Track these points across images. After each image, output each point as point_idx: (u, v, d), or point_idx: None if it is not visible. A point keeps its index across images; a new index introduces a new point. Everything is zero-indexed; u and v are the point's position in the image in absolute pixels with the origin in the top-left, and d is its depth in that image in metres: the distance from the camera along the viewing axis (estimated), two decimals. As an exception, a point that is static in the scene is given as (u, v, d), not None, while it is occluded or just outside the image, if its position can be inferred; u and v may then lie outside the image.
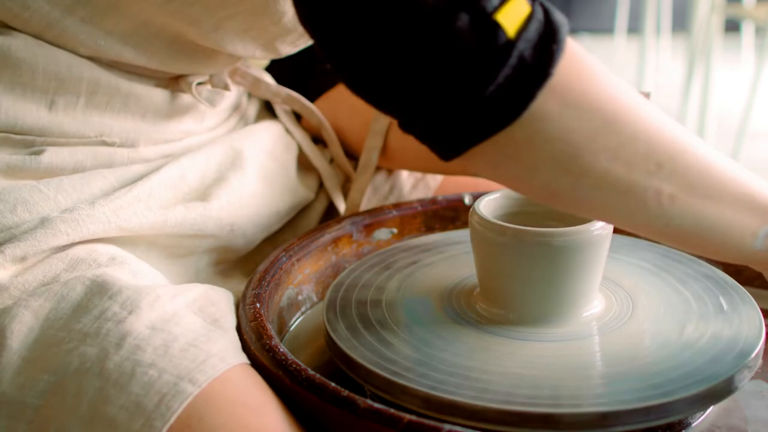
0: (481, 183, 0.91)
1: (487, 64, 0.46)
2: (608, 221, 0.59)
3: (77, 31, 0.64)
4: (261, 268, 0.68)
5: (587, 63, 0.49)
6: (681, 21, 4.29)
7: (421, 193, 0.91)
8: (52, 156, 0.66)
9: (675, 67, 4.08)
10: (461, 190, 0.88)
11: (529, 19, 0.47)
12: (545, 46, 0.47)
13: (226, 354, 0.56)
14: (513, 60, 0.46)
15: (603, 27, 5.02)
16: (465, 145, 0.49)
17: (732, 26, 3.95)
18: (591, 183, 0.50)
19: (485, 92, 0.46)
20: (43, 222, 0.62)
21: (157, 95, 0.71)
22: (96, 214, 0.64)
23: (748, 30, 4.13)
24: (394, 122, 0.82)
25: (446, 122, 0.48)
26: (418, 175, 0.92)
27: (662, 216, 0.51)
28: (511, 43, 0.46)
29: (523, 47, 0.46)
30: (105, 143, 0.69)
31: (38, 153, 0.66)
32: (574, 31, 5.05)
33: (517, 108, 0.47)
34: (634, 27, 4.38)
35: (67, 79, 0.66)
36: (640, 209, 0.51)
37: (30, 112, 0.66)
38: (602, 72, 0.50)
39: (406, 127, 0.50)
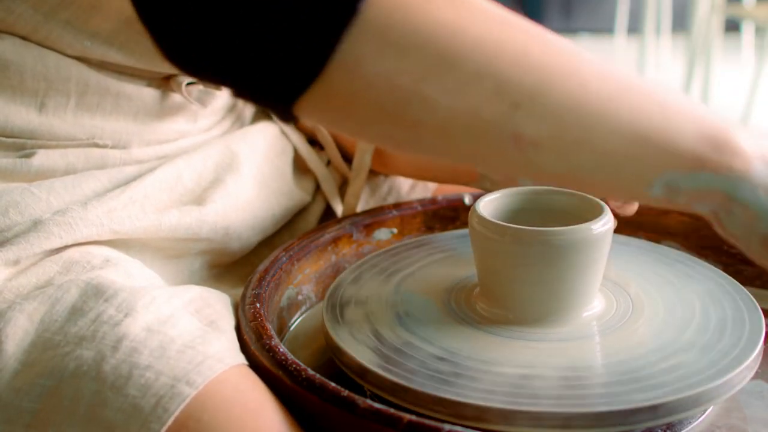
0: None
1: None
2: (475, 167, 0.52)
3: (62, 34, 0.64)
4: (261, 267, 0.68)
5: None
6: (681, 21, 4.30)
7: (419, 194, 0.91)
8: (43, 159, 0.66)
9: (675, 67, 4.08)
10: (460, 190, 0.88)
11: None
12: None
13: (223, 355, 0.55)
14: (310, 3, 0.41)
15: (603, 27, 5.02)
16: (287, 100, 0.44)
17: (732, 26, 3.96)
18: (432, 131, 0.44)
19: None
20: (36, 225, 0.62)
21: (148, 95, 0.70)
22: (89, 216, 0.63)
23: (748, 30, 4.13)
24: None
25: (262, 80, 0.44)
26: (417, 175, 0.91)
27: (530, 163, 0.45)
28: None
29: None
30: (97, 145, 0.69)
31: (29, 156, 0.66)
32: (573, 31, 5.05)
33: (322, 52, 0.42)
34: (634, 27, 4.39)
35: (56, 80, 0.65)
36: (500, 156, 0.45)
37: (20, 115, 0.65)
38: (439, 4, 0.43)
39: (238, 94, 0.47)
